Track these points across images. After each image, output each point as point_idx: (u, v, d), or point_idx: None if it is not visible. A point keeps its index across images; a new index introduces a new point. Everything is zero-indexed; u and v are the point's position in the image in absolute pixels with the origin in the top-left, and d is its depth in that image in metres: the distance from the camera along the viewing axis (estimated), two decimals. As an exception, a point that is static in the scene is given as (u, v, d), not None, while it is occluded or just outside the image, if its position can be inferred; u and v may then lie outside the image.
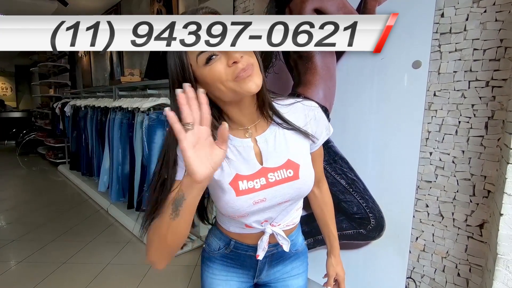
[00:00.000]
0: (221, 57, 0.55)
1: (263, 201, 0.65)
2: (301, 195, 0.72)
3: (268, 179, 0.65)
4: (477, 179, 1.13)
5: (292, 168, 0.67)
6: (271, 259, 0.82)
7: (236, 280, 0.83)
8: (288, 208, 0.73)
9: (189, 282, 2.15)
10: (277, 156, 0.67)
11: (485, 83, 1.09)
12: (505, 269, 0.93)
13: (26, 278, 2.17)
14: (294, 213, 0.78)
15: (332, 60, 1.46)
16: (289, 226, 0.77)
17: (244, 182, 0.64)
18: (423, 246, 1.30)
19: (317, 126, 0.71)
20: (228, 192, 0.63)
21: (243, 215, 0.66)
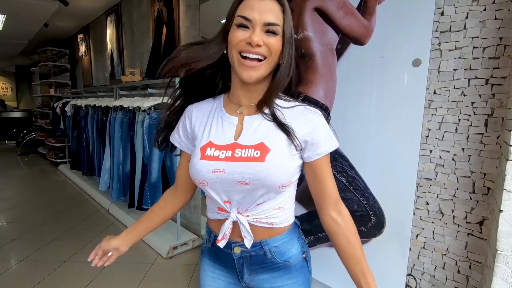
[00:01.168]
0: (249, 32, 0.63)
1: (222, 172, 0.66)
2: (263, 183, 0.65)
3: (234, 153, 0.67)
4: (477, 176, 1.14)
5: (261, 150, 0.66)
6: (250, 263, 0.75)
7: (222, 279, 0.81)
8: (253, 197, 0.68)
9: (189, 280, 2.16)
10: (253, 137, 0.68)
11: (484, 81, 1.10)
12: (504, 265, 0.93)
13: (27, 277, 2.17)
14: (268, 210, 0.71)
15: (333, 59, 1.47)
16: (261, 222, 0.72)
17: (212, 149, 0.69)
18: (423, 244, 1.31)
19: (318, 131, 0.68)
20: (196, 155, 0.70)
21: (202, 181, 0.69)
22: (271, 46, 0.64)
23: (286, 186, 0.69)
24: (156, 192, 2.65)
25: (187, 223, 2.93)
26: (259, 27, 0.63)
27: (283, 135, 0.67)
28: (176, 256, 2.51)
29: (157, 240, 2.62)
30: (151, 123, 2.54)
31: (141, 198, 2.64)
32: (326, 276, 1.55)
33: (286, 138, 0.67)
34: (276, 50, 0.65)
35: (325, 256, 1.56)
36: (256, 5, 0.62)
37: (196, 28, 2.57)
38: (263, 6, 0.63)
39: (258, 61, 0.64)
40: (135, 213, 3.17)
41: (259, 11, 0.62)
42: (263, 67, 0.65)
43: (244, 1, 0.64)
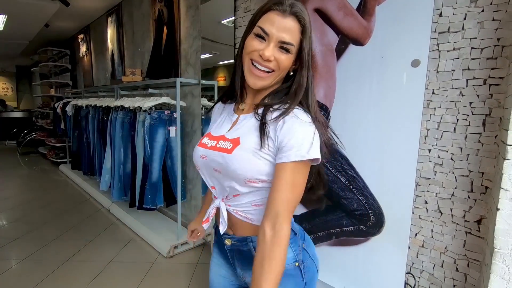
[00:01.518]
0: (265, 44, 0.68)
1: (205, 158, 0.75)
2: (227, 173, 0.70)
3: (217, 143, 0.74)
4: (475, 175, 1.16)
5: (234, 143, 0.71)
6: (240, 256, 0.77)
7: (225, 268, 0.85)
8: (225, 184, 0.72)
9: (191, 279, 2.17)
10: (236, 132, 0.74)
11: (482, 81, 1.11)
12: (502, 263, 0.95)
13: (29, 276, 2.19)
14: (246, 205, 0.73)
15: (333, 59, 1.48)
16: (241, 216, 0.74)
17: (206, 139, 0.79)
18: (422, 242, 1.32)
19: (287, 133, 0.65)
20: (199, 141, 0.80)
21: (196, 165, 0.79)
22: (281, 63, 0.69)
23: (253, 182, 0.69)
24: (156, 191, 2.66)
25: (187, 223, 2.94)
26: (274, 42, 0.67)
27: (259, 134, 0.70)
28: (177, 256, 2.53)
29: (158, 239, 2.63)
30: (152, 123, 2.55)
31: (142, 197, 2.66)
32: (327, 274, 1.56)
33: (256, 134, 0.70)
34: (284, 66, 0.70)
35: (326, 255, 1.58)
36: (277, 21, 0.66)
37: (197, 28, 2.58)
38: (283, 23, 0.66)
39: (266, 72, 0.70)
40: (136, 213, 3.19)
41: (278, 27, 0.66)
42: (269, 78, 0.70)
43: (268, 13, 0.68)
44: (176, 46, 2.82)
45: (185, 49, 2.76)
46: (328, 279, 1.56)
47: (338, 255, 1.52)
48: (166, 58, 2.91)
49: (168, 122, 2.62)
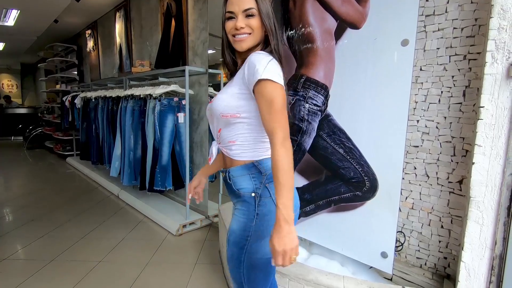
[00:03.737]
0: (235, 19, 0.89)
1: (208, 110, 0.97)
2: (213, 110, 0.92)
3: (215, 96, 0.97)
4: (457, 140, 1.31)
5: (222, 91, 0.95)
6: (226, 185, 0.97)
7: None
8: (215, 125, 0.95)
9: (199, 254, 2.32)
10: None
11: (463, 57, 1.27)
12: (476, 209, 1.10)
13: (48, 249, 2.34)
14: (225, 141, 0.92)
15: (332, 42, 1.64)
16: (224, 151, 0.96)
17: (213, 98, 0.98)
18: (412, 204, 1.48)
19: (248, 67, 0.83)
20: None
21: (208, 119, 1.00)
22: (252, 25, 0.89)
23: (227, 117, 0.88)
24: (166, 174, 2.82)
25: (195, 206, 3.09)
26: (240, 15, 0.89)
27: (237, 77, 0.90)
28: (185, 234, 2.68)
29: (167, 220, 2.79)
30: (161, 109, 2.71)
31: (152, 180, 2.81)
32: (326, 240, 1.72)
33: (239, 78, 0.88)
34: (256, 26, 0.89)
35: (325, 222, 1.73)
36: (235, 0, 0.89)
37: (204, 21, 2.74)
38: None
39: (245, 36, 0.90)
40: (145, 198, 3.35)
41: (237, 3, 0.88)
42: (249, 39, 0.91)
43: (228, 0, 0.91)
44: (184, 38, 2.97)
45: (192, 40, 2.92)
46: (328, 243, 1.71)
47: (337, 221, 1.68)
48: (174, 50, 3.07)
49: (177, 108, 2.77)
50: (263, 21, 0.89)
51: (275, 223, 0.73)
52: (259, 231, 0.86)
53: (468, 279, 1.13)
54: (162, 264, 2.16)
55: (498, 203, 1.06)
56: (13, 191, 4.04)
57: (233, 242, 0.90)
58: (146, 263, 2.17)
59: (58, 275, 1.99)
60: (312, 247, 1.88)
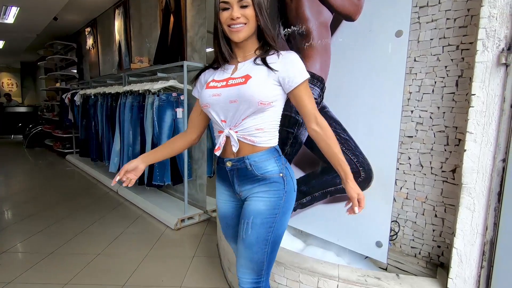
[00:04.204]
0: (230, 10, 0.91)
1: (219, 95, 0.94)
2: (245, 98, 0.90)
3: (227, 83, 0.95)
4: (450, 130, 1.33)
5: (246, 78, 0.92)
6: (238, 174, 0.99)
7: (225, 193, 1.07)
8: (240, 112, 0.92)
9: (197, 247, 2.34)
10: (242, 72, 0.95)
11: (455, 47, 1.29)
12: (468, 196, 1.12)
13: (47, 244, 2.36)
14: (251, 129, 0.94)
15: (327, 35, 1.65)
16: (246, 139, 0.95)
17: (213, 83, 0.98)
18: (406, 194, 1.49)
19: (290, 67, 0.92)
20: (202, 88, 1.01)
21: (206, 104, 0.97)
22: (247, 15, 0.92)
23: (264, 105, 0.91)
24: (165, 169, 2.84)
25: (193, 201, 3.11)
26: (235, 5, 0.91)
27: (264, 68, 0.93)
28: (183, 228, 2.70)
29: (166, 214, 2.81)
30: (160, 104, 2.72)
31: (150, 175, 2.83)
32: (322, 231, 1.73)
33: (266, 69, 0.92)
34: (251, 16, 0.92)
35: (321, 213, 1.75)
36: None
37: (202, 16, 2.75)
38: None
39: (241, 27, 0.92)
40: (144, 194, 3.37)
41: None
42: (245, 29, 0.93)
43: None
44: (182, 34, 2.99)
45: (191, 36, 2.94)
46: (324, 234, 1.73)
47: (332, 212, 1.69)
48: (173, 46, 3.09)
49: (175, 104, 2.79)
50: (256, 11, 0.92)
51: (349, 179, 0.97)
52: (285, 207, 0.98)
53: (460, 265, 1.15)
54: (160, 257, 2.18)
55: (489, 189, 1.08)
56: (12, 188, 4.06)
57: (260, 224, 0.95)
58: (144, 256, 2.19)
59: (56, 268, 2.01)
60: (309, 238, 1.90)
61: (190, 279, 1.90)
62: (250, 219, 0.95)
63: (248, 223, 0.95)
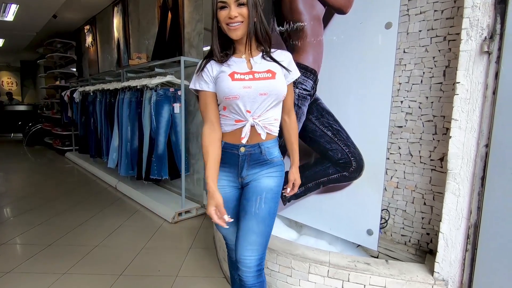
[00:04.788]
0: (228, 9, 0.96)
1: (249, 87, 0.98)
2: (275, 91, 1.00)
3: (254, 76, 1.00)
4: (438, 119, 1.36)
5: (271, 73, 1.01)
6: (250, 159, 1.05)
7: (225, 178, 1.10)
8: (266, 104, 1.00)
9: (193, 240, 2.37)
10: (261, 67, 1.03)
11: (443, 38, 1.32)
12: (453, 181, 1.15)
13: (45, 236, 2.39)
14: (271, 119, 1.04)
15: (320, 29, 1.69)
16: (266, 128, 1.04)
17: (238, 75, 1.00)
18: (397, 184, 1.53)
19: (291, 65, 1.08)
20: (226, 79, 0.99)
21: (235, 95, 0.98)
22: (243, 14, 0.97)
23: (283, 97, 1.05)
24: (162, 163, 2.87)
25: (190, 196, 3.15)
26: (233, 4, 0.95)
27: (276, 65, 1.04)
28: (181, 222, 2.73)
29: (163, 208, 2.84)
30: (158, 99, 2.76)
31: (148, 169, 2.86)
32: (315, 221, 1.76)
33: (278, 66, 1.04)
34: (247, 15, 0.97)
35: (314, 204, 1.78)
36: None
37: (200, 13, 2.79)
38: None
39: (238, 25, 0.97)
40: (142, 188, 3.40)
41: None
42: (242, 27, 0.98)
43: None
44: (180, 30, 3.02)
45: (188, 32, 2.97)
46: (316, 224, 1.76)
47: (325, 202, 1.73)
48: (171, 42, 3.12)
49: (172, 99, 2.82)
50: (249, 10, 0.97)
51: (294, 165, 1.20)
52: (282, 185, 1.13)
53: (446, 249, 1.18)
54: (157, 249, 2.21)
55: (473, 174, 1.11)
56: (12, 184, 4.09)
57: (271, 199, 1.06)
58: (141, 247, 2.22)
59: (55, 258, 2.05)
60: (302, 229, 1.93)
61: (186, 269, 1.94)
62: (262, 195, 1.04)
63: (261, 199, 1.04)
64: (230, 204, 1.14)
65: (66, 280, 1.80)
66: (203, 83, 1.04)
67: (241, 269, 1.03)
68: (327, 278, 1.34)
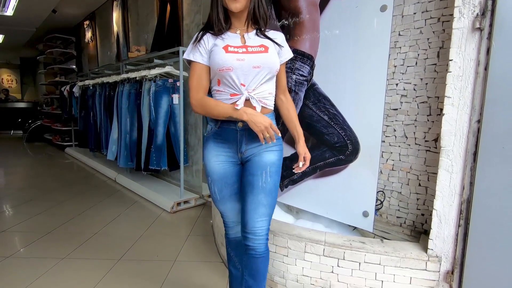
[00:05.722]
0: None
1: (243, 60, 1.01)
2: (267, 65, 1.02)
3: (247, 49, 1.03)
4: (432, 100, 1.38)
5: (264, 47, 1.04)
6: (248, 133, 1.07)
7: (224, 154, 1.11)
8: (259, 77, 1.02)
9: (191, 229, 2.39)
10: (254, 42, 1.06)
11: (437, 19, 1.34)
12: (446, 158, 1.17)
13: (45, 224, 2.41)
14: (265, 93, 1.06)
15: (317, 14, 1.70)
16: (261, 101, 1.05)
17: (231, 48, 1.02)
18: (392, 166, 1.54)
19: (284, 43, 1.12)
20: (220, 52, 1.01)
21: (229, 67, 1.00)
22: None
23: (276, 72, 1.08)
24: (161, 154, 2.88)
25: (189, 187, 3.16)
26: None
27: (270, 42, 1.07)
28: (179, 212, 2.75)
29: (162, 198, 2.86)
30: (156, 89, 2.77)
31: (147, 159, 2.88)
32: (312, 205, 1.78)
33: (273, 44, 1.07)
34: None
35: (312, 189, 1.80)
36: None
37: (198, 4, 2.80)
38: None
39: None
40: (141, 180, 3.42)
41: None
42: (242, 2, 1.01)
43: None
44: (178, 22, 3.04)
45: (187, 24, 2.98)
46: (314, 208, 1.78)
47: (321, 186, 1.74)
48: (170, 34, 3.14)
49: (171, 90, 2.84)
50: None
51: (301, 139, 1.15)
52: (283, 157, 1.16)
53: (440, 225, 1.20)
54: (155, 236, 2.23)
55: (465, 150, 1.13)
56: (12, 177, 4.11)
57: (275, 172, 1.09)
58: (140, 235, 2.24)
59: (54, 244, 2.06)
60: (299, 215, 1.95)
61: (184, 254, 1.95)
62: (267, 169, 1.07)
63: (266, 173, 1.07)
64: (229, 180, 1.15)
65: (66, 264, 1.82)
66: (198, 54, 1.05)
67: (253, 239, 1.08)
68: (323, 257, 1.35)
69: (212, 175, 1.15)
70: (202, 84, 1.07)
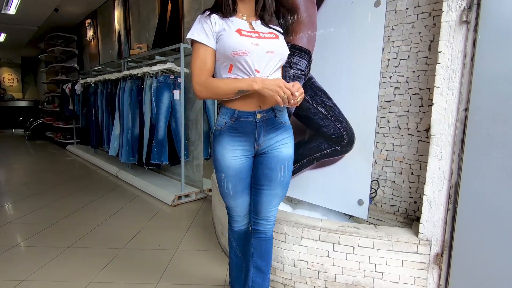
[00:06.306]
0: None
1: (257, 45, 1.01)
2: (280, 50, 1.05)
3: (260, 35, 1.05)
4: (424, 92, 1.43)
5: (274, 34, 1.09)
6: (266, 124, 1.07)
7: (240, 148, 1.08)
8: (272, 64, 1.04)
9: (192, 221, 2.44)
10: (263, 29, 1.10)
11: (428, 14, 1.39)
12: (436, 145, 1.22)
13: (49, 217, 2.47)
14: None
15: (314, 10, 1.76)
16: None
17: (245, 32, 1.03)
18: (386, 156, 1.60)
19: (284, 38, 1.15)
20: (234, 35, 1.00)
21: (244, 51, 0.98)
22: None
23: (285, 60, 1.11)
24: (162, 149, 2.94)
25: (190, 182, 3.22)
26: None
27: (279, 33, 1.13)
28: (180, 205, 2.81)
29: (163, 192, 2.91)
30: (158, 85, 2.83)
31: (149, 154, 2.94)
32: (309, 195, 1.84)
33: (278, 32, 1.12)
34: None
35: (309, 179, 1.85)
36: None
37: (199, 2, 2.86)
38: None
39: None
40: (143, 175, 3.48)
41: None
42: None
43: None
44: (179, 20, 3.10)
45: (188, 21, 3.04)
46: (310, 198, 1.84)
47: (318, 177, 1.80)
48: (171, 32, 3.19)
49: (172, 86, 2.90)
50: None
51: None
52: None
53: (430, 210, 1.26)
54: (157, 228, 2.29)
55: (453, 137, 1.18)
56: (14, 173, 4.17)
57: (291, 165, 1.14)
58: (142, 227, 2.30)
59: (57, 236, 2.12)
60: (297, 206, 2.00)
61: (185, 244, 2.01)
62: (285, 163, 1.12)
63: (285, 167, 1.12)
64: (243, 175, 1.13)
65: (70, 253, 1.87)
66: (203, 35, 1.01)
67: (265, 224, 1.16)
68: (319, 241, 1.41)
69: (227, 171, 1.10)
70: (207, 66, 1.02)
